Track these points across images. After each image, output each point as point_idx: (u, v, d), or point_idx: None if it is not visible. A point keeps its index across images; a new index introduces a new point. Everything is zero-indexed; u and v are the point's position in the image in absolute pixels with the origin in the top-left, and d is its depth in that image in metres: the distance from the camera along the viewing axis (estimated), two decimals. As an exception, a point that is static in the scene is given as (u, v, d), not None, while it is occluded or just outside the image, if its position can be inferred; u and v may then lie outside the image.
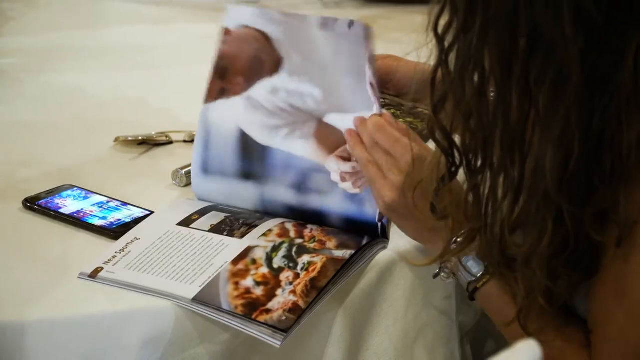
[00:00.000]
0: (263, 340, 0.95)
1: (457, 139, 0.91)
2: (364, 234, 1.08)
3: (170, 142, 1.35)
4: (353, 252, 1.04)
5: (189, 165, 1.20)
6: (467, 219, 0.94)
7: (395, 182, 1.02)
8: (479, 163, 0.91)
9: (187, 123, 1.37)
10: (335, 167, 1.09)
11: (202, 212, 1.12)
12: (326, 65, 1.09)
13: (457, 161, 0.92)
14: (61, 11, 2.02)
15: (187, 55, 1.78)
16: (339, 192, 1.09)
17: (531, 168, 0.87)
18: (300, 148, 1.11)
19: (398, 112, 1.25)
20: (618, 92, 0.83)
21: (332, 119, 1.10)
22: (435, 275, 1.03)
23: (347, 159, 1.09)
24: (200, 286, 0.99)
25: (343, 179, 1.09)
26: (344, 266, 1.02)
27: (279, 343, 0.94)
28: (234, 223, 1.10)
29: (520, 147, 0.87)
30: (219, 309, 0.97)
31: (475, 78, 0.87)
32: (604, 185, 0.86)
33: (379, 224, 1.08)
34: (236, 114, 1.14)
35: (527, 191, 0.88)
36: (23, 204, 1.15)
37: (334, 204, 1.09)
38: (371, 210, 1.08)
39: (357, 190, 1.09)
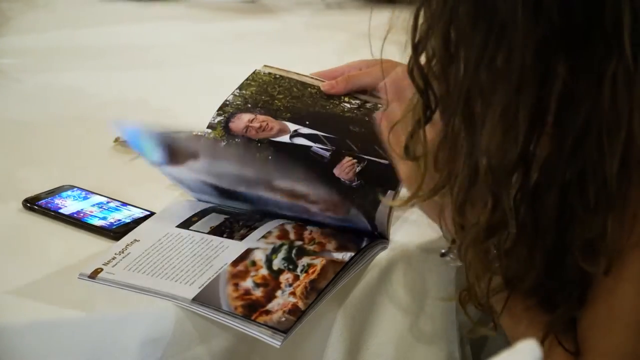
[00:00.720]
0: (263, 341, 0.95)
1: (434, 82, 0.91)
2: (363, 236, 1.08)
3: (170, 143, 1.35)
4: (353, 254, 1.04)
5: (189, 166, 1.20)
6: (434, 166, 0.93)
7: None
8: (448, 109, 0.90)
9: (188, 123, 1.37)
10: None
11: (201, 214, 1.12)
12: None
13: (433, 105, 0.92)
14: (61, 11, 2.02)
15: (187, 56, 1.78)
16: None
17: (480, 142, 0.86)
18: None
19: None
20: (599, 116, 0.82)
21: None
22: (443, 254, 1.04)
23: None
24: (200, 287, 0.99)
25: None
26: (344, 268, 1.02)
27: (279, 343, 0.94)
28: (233, 225, 1.10)
29: (474, 118, 0.86)
30: (218, 309, 0.97)
31: (451, 32, 0.86)
32: (589, 215, 0.85)
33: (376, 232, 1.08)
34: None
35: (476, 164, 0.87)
36: (23, 204, 1.15)
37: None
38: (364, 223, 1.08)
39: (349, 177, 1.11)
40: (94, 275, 1.01)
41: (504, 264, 0.91)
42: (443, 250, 1.04)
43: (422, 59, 0.91)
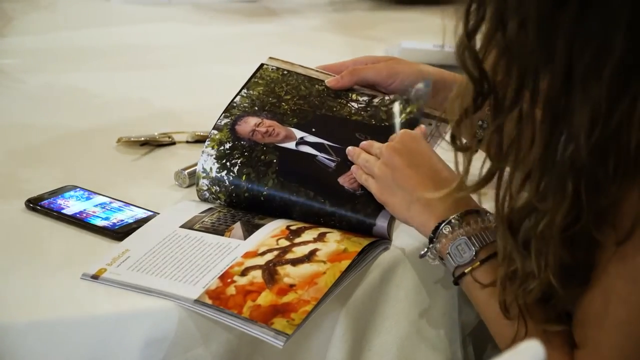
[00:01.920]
0: (266, 341, 0.95)
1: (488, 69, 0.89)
2: (366, 235, 1.08)
3: (173, 143, 1.35)
4: (356, 254, 1.04)
5: (192, 166, 1.20)
6: (488, 157, 0.92)
7: (383, 153, 1.07)
8: (508, 102, 0.88)
9: (190, 124, 1.37)
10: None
11: (205, 214, 1.12)
12: None
13: (485, 91, 0.89)
14: (63, 11, 2.02)
15: (189, 56, 1.78)
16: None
17: (562, 127, 0.84)
18: None
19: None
20: (635, 87, 0.82)
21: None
22: (422, 255, 1.04)
23: None
24: (203, 287, 0.99)
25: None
26: (347, 269, 1.02)
27: (282, 344, 0.94)
28: (237, 224, 1.10)
29: (558, 103, 0.84)
30: (221, 309, 0.97)
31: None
32: (608, 183, 0.85)
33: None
34: None
35: (554, 152, 0.86)
36: (26, 204, 1.15)
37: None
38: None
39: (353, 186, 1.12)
40: (97, 275, 1.01)
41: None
42: (422, 252, 1.04)
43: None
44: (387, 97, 1.24)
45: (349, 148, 1.15)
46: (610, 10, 0.81)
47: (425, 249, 1.03)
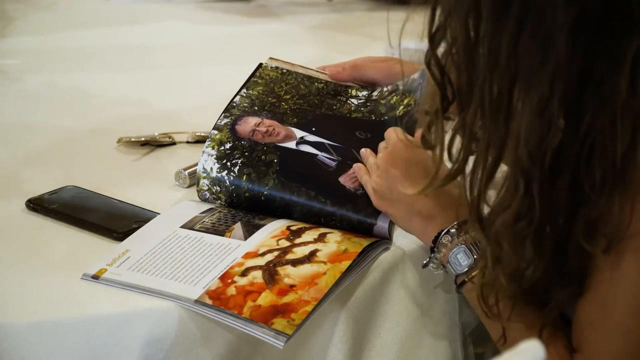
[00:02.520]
0: (266, 342, 0.95)
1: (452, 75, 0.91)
2: (366, 235, 1.08)
3: (173, 143, 1.35)
4: (356, 255, 1.04)
5: (192, 166, 1.20)
6: (449, 157, 0.94)
7: (379, 165, 1.07)
8: (468, 103, 0.89)
9: (190, 124, 1.37)
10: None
11: (205, 214, 1.12)
12: None
13: (450, 95, 0.92)
14: (64, 12, 2.02)
15: (190, 56, 1.78)
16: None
17: (511, 130, 0.86)
18: None
19: (397, 97, 1.26)
20: (612, 97, 0.82)
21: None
22: (424, 265, 1.05)
23: None
24: (203, 287, 0.99)
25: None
26: (347, 269, 1.02)
27: (282, 344, 0.94)
28: (238, 224, 1.10)
29: (507, 105, 0.86)
30: (222, 310, 0.97)
31: (471, 23, 0.85)
32: (595, 194, 0.85)
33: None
34: None
35: (503, 151, 0.87)
36: (26, 204, 1.15)
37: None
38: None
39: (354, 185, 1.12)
40: (97, 275, 1.01)
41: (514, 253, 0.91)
42: (424, 261, 1.04)
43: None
44: (385, 89, 1.24)
45: (363, 150, 1.14)
46: (548, 17, 0.81)
47: (427, 259, 1.04)
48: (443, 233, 1.02)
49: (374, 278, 1.06)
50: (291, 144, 1.17)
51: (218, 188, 1.15)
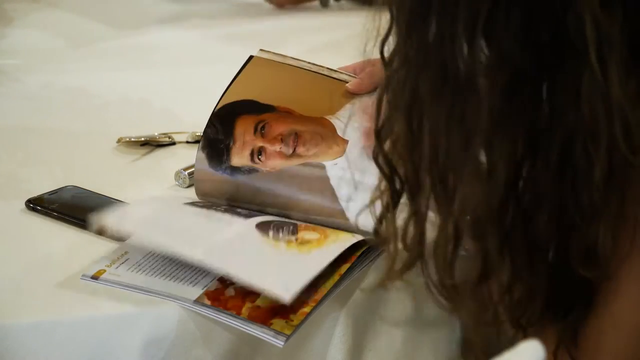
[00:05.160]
0: (266, 341, 0.95)
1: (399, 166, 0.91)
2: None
3: (173, 143, 1.35)
4: (355, 257, 1.04)
5: (192, 166, 1.20)
6: (404, 246, 0.93)
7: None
8: (417, 190, 0.89)
9: (190, 124, 1.37)
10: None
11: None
12: None
13: (399, 189, 0.92)
14: (64, 12, 2.02)
15: (189, 56, 1.78)
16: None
17: (459, 202, 0.86)
18: None
19: None
20: (581, 128, 0.82)
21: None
22: None
23: None
24: (202, 288, 0.99)
25: None
26: (348, 270, 1.02)
27: (282, 343, 0.94)
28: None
29: (454, 180, 0.86)
30: (221, 310, 0.97)
31: (412, 109, 0.86)
32: (584, 223, 0.84)
33: None
34: None
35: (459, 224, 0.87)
36: (26, 204, 1.15)
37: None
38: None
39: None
40: (97, 276, 1.01)
41: (507, 303, 0.91)
42: None
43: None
44: None
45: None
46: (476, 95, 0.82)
47: None
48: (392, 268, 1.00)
49: (373, 278, 1.06)
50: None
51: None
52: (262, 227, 1.06)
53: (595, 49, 0.79)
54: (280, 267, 1.00)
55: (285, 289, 0.95)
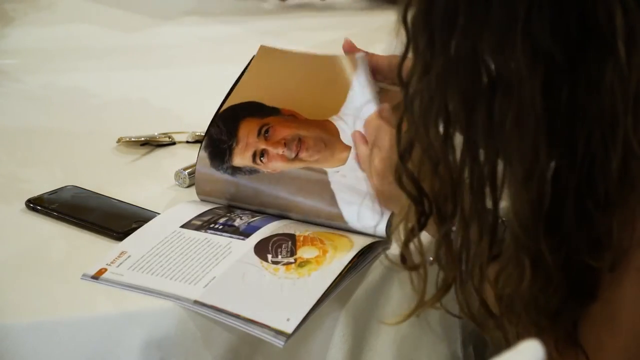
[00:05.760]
0: (266, 341, 0.95)
1: (426, 186, 0.89)
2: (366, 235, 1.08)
3: (173, 143, 1.35)
4: (356, 254, 1.04)
5: (192, 166, 1.20)
6: (441, 268, 0.92)
7: (377, 168, 1.03)
8: (450, 210, 0.88)
9: (190, 124, 1.37)
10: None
11: (205, 214, 1.12)
12: None
13: (427, 210, 0.90)
14: (64, 11, 2.02)
15: (189, 56, 1.78)
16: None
17: (512, 207, 0.85)
18: None
19: None
20: (601, 118, 0.82)
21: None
22: (431, 263, 1.03)
23: None
24: (204, 287, 0.99)
25: None
26: (348, 270, 1.02)
27: (282, 344, 0.94)
28: (237, 224, 1.10)
29: (492, 189, 0.85)
30: (221, 310, 0.97)
31: (440, 124, 0.85)
32: (599, 211, 0.85)
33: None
34: None
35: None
36: (26, 204, 1.15)
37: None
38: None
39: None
40: (97, 275, 1.01)
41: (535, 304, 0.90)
42: (430, 259, 1.04)
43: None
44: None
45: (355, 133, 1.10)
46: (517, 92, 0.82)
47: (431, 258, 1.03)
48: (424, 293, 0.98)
49: (373, 278, 1.06)
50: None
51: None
52: (261, 249, 1.05)
53: (623, 40, 0.79)
54: (280, 299, 0.99)
55: (286, 322, 0.95)
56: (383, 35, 0.96)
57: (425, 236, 0.93)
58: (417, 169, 0.89)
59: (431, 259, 1.01)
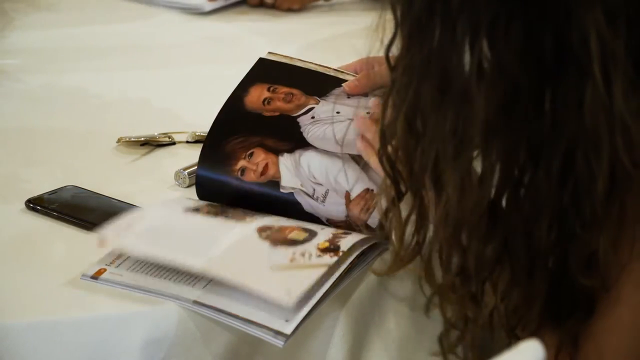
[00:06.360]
0: (266, 341, 0.95)
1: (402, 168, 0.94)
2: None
3: (173, 143, 1.35)
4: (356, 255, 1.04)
5: (192, 166, 1.20)
6: (402, 242, 0.96)
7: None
8: (418, 190, 0.92)
9: (190, 123, 1.37)
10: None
11: (201, 212, 1.12)
12: None
13: (402, 189, 0.95)
14: (64, 11, 2.02)
15: (189, 56, 1.78)
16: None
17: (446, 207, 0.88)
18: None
19: None
20: (584, 138, 0.82)
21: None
22: None
23: None
24: (203, 287, 0.99)
25: None
26: (348, 270, 1.02)
27: (282, 343, 0.94)
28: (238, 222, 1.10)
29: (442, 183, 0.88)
30: (221, 310, 0.97)
31: (413, 116, 0.87)
32: (585, 232, 0.85)
33: None
34: None
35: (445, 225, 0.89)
36: (26, 204, 1.15)
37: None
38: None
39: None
40: (96, 275, 1.01)
41: (503, 310, 0.91)
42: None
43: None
44: None
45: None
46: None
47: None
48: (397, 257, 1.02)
49: (373, 278, 1.06)
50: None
51: None
52: (263, 230, 1.06)
53: (599, 65, 0.79)
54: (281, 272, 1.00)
55: (287, 294, 0.95)
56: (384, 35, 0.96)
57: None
58: (395, 152, 0.92)
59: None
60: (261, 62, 1.23)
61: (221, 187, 1.14)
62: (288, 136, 1.14)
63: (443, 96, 0.84)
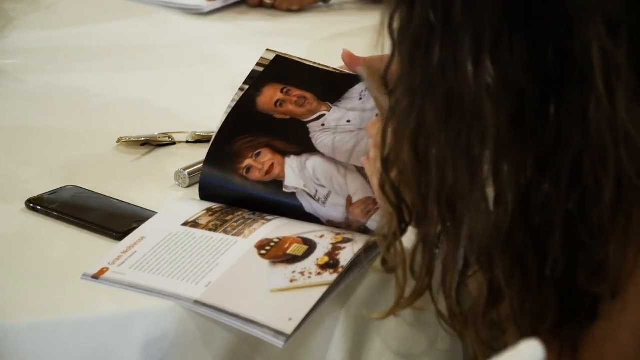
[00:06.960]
0: (266, 341, 0.95)
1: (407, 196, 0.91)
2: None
3: (173, 143, 1.35)
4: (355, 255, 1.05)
5: (192, 166, 1.20)
6: (411, 274, 0.94)
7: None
8: (424, 218, 0.90)
9: (190, 123, 1.37)
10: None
11: (206, 213, 1.12)
12: None
13: (407, 218, 0.92)
14: (64, 11, 2.02)
15: (189, 56, 1.78)
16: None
17: (467, 230, 0.86)
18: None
19: None
20: (589, 149, 0.82)
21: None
22: None
23: None
24: (205, 287, 0.99)
25: None
26: (348, 270, 1.02)
27: (282, 344, 0.94)
28: (239, 223, 1.10)
29: (460, 206, 0.86)
30: (221, 310, 0.97)
31: (417, 138, 0.86)
32: (593, 241, 0.84)
33: None
34: None
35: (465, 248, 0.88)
36: (26, 204, 1.15)
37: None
38: None
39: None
40: (97, 275, 1.01)
41: (517, 321, 0.90)
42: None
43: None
44: None
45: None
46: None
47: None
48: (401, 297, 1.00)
49: (374, 278, 1.06)
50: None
51: None
52: (262, 248, 1.06)
53: (602, 75, 0.79)
54: (280, 300, 0.99)
55: (286, 322, 0.95)
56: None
57: (407, 241, 0.95)
58: (398, 178, 0.90)
59: None
60: (277, 60, 1.23)
61: (224, 188, 1.14)
62: (297, 140, 1.14)
63: (450, 115, 0.83)
